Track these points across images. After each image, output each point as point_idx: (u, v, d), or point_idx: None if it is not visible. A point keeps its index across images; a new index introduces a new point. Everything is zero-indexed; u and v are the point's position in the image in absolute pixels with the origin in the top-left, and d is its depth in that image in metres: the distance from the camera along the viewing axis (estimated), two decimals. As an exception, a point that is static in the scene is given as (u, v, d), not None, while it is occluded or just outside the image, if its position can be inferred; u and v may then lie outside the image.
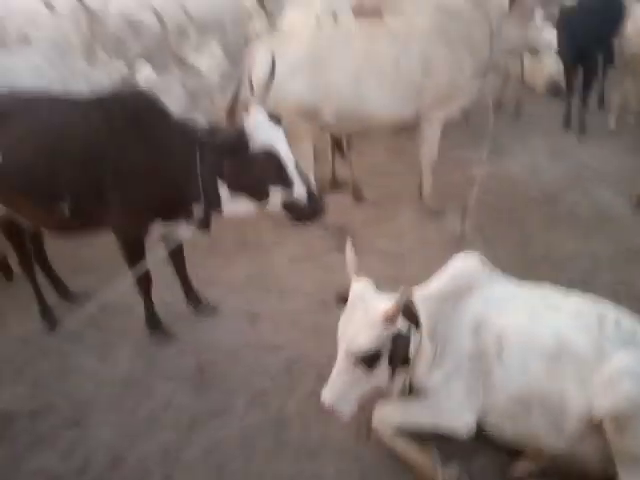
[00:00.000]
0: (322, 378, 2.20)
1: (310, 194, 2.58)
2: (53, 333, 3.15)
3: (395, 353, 2.12)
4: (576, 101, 5.45)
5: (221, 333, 3.08)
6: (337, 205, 4.51)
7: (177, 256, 3.17)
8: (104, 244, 3.20)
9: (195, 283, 3.30)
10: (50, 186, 2.69)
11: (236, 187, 2.63)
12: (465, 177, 4.17)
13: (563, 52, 5.00)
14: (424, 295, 2.29)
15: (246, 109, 2.62)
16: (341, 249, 2.41)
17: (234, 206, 2.73)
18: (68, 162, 2.66)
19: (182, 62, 4.83)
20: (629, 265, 3.28)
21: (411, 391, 2.30)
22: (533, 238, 3.69)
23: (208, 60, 5.94)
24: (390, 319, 2.04)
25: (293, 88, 3.46)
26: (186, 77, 4.84)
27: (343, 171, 4.67)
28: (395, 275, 3.33)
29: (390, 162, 5.20)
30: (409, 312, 2.13)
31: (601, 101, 5.94)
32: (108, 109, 2.70)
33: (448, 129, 5.55)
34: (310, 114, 3.64)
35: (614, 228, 3.70)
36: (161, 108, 2.75)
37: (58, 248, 3.74)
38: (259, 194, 2.61)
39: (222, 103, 4.72)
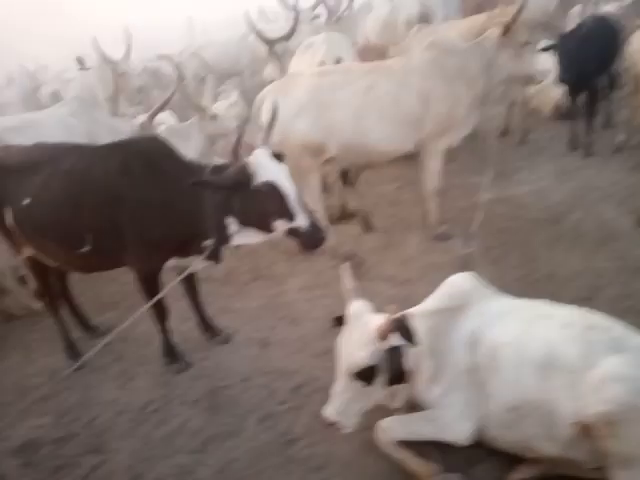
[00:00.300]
0: (329, 398, 2.30)
1: (312, 224, 2.70)
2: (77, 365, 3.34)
3: (391, 368, 2.22)
4: (582, 124, 5.54)
5: (233, 359, 3.21)
6: (347, 235, 4.70)
7: (192, 288, 3.35)
8: (127, 281, 3.41)
9: (210, 312, 3.46)
10: (73, 228, 2.90)
11: (244, 221, 2.78)
12: (471, 202, 4.28)
13: (564, 78, 5.13)
14: (422, 312, 2.40)
15: (252, 148, 2.83)
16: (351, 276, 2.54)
17: (243, 239, 2.89)
18: (89, 205, 2.87)
19: (200, 109, 5.15)
20: (633, 280, 3.30)
21: (414, 405, 2.40)
22: (538, 257, 3.75)
23: (225, 106, 6.33)
24: (382, 335, 2.15)
25: (298, 127, 3.69)
26: (204, 123, 5.18)
27: (352, 202, 4.83)
28: (404, 299, 3.43)
29: (398, 191, 5.35)
30: (404, 328, 2.24)
31: (607, 122, 6.01)
32: (124, 154, 2.91)
33: (457, 155, 5.77)
34: (315, 150, 3.86)
35: (618, 245, 3.72)
36: (172, 151, 2.96)
37: (84, 285, 3.99)
38: (265, 226, 2.75)
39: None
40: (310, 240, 2.73)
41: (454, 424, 2.26)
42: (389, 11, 8.00)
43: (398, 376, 2.25)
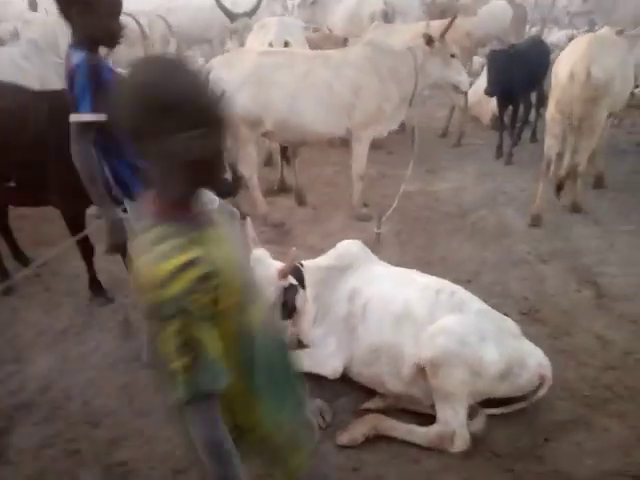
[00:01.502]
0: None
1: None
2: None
3: (285, 304, 2.66)
4: (508, 135, 6.10)
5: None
6: (282, 206, 5.11)
7: None
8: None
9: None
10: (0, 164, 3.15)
11: None
12: (395, 191, 4.75)
13: (489, 92, 5.66)
14: (315, 265, 2.85)
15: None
16: (278, 242, 2.96)
17: None
18: (15, 145, 3.11)
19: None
20: (508, 270, 3.85)
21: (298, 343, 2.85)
22: (438, 243, 4.26)
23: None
24: (282, 274, 2.58)
25: (239, 99, 4.02)
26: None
27: (291, 178, 5.22)
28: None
29: (335, 174, 5.78)
30: (298, 273, 2.70)
31: (533, 135, 6.62)
32: (50, 103, 3.14)
33: (393, 149, 6.23)
34: (253, 123, 4.22)
35: (507, 241, 4.28)
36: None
37: (23, 222, 4.24)
38: None
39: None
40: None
41: (327, 361, 2.71)
42: (356, 3, 8.37)
43: (288, 312, 2.69)
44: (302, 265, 2.85)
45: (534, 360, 2.49)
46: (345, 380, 2.73)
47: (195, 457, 1.27)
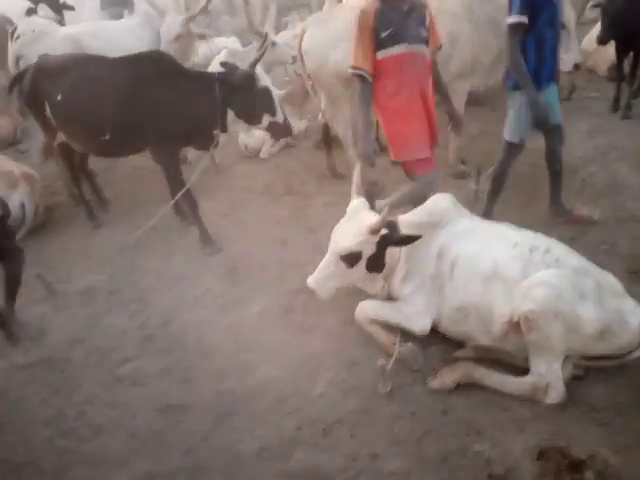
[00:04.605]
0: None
1: (285, 120, 3.80)
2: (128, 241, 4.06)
3: (372, 258, 2.74)
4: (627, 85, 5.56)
5: (255, 250, 3.84)
6: (378, 166, 5.13)
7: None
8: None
9: (244, 217, 4.28)
10: (95, 121, 3.66)
11: (239, 114, 3.67)
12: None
13: (603, 38, 5.16)
14: (407, 221, 2.87)
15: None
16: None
17: (235, 128, 3.87)
18: (108, 104, 3.61)
19: (260, 35, 5.57)
20: (618, 227, 3.62)
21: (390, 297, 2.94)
22: (541, 200, 4.05)
23: (289, 36, 6.67)
24: (373, 230, 2.66)
25: (333, 57, 4.05)
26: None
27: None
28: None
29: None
30: (392, 229, 2.74)
31: (656, 87, 5.96)
32: (135, 65, 3.66)
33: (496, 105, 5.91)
34: (348, 80, 4.23)
35: (619, 196, 3.99)
36: (173, 59, 3.79)
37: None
38: (255, 119, 3.70)
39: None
40: (281, 131, 3.88)
41: (416, 318, 2.76)
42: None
43: (377, 266, 2.78)
44: (396, 220, 2.87)
45: (636, 320, 2.37)
46: (437, 330, 2.79)
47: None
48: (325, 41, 4.01)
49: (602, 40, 5.24)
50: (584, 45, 5.89)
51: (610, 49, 6.03)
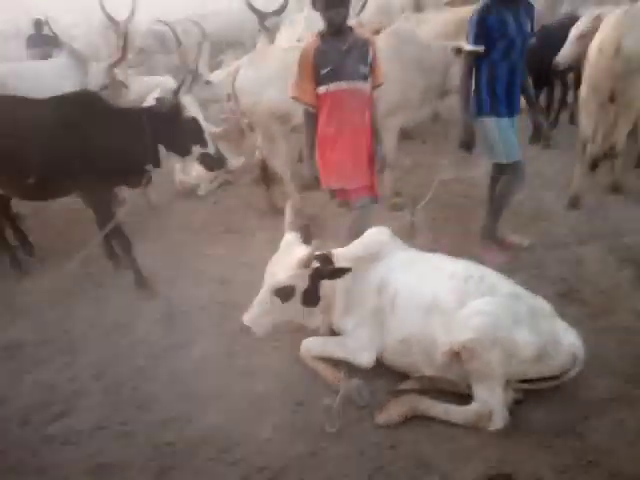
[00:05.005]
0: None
1: (217, 151, 3.75)
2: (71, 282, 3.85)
3: (307, 292, 2.73)
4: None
5: (193, 291, 3.74)
6: (314, 199, 5.17)
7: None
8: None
9: (184, 255, 4.13)
10: (20, 166, 3.49)
11: (169, 147, 3.63)
12: (430, 180, 4.74)
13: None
14: (342, 255, 2.87)
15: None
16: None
17: (170, 162, 3.90)
18: (33, 147, 3.45)
19: (196, 76, 5.56)
20: (547, 252, 3.80)
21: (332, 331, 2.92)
22: (473, 229, 4.21)
23: (223, 74, 6.71)
24: (305, 263, 2.65)
25: (267, 95, 4.11)
26: (198, 88, 5.60)
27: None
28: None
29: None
30: (325, 262, 2.74)
31: (572, 117, 6.44)
32: (60, 105, 3.54)
33: (427, 138, 6.17)
34: (282, 117, 4.30)
35: (545, 223, 4.22)
36: (102, 98, 3.71)
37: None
38: (185, 150, 3.67)
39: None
40: (213, 162, 3.78)
41: (361, 351, 2.76)
42: (386, -5, 8.34)
43: (312, 300, 2.76)
44: (332, 254, 2.87)
45: (567, 340, 2.46)
46: (381, 362, 2.78)
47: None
48: (258, 80, 4.07)
49: None
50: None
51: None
